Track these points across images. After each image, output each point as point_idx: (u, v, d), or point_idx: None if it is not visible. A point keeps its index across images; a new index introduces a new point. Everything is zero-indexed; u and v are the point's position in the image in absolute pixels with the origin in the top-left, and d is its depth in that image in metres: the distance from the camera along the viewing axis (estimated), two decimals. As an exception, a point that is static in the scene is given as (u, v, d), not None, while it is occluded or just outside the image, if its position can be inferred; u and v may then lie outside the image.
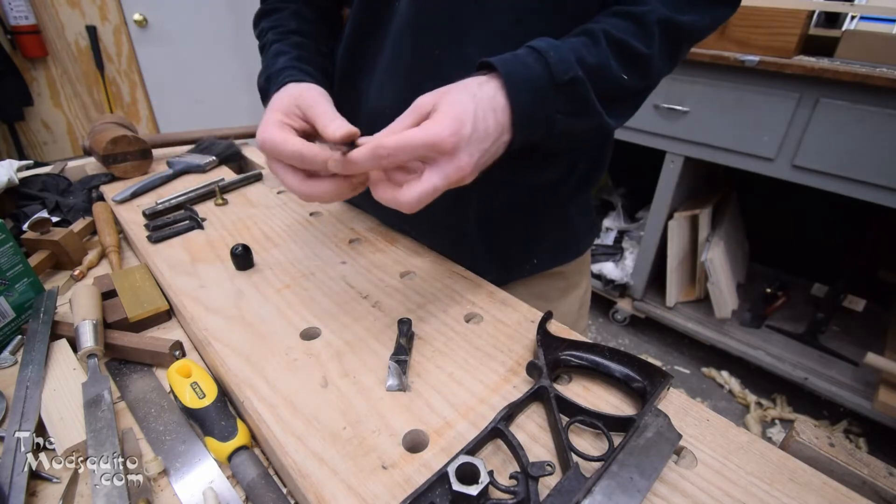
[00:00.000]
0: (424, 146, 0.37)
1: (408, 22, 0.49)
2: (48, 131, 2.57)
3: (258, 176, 0.82)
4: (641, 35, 0.46)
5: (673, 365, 1.91)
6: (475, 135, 0.39)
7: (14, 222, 0.71)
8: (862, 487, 0.35)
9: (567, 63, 0.42)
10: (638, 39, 0.46)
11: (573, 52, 0.44)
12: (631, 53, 0.46)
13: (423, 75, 0.51)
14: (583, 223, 0.68)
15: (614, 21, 0.47)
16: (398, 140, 0.37)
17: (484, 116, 0.40)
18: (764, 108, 1.44)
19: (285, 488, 0.38)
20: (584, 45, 0.44)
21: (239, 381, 0.42)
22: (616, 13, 0.48)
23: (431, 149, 0.38)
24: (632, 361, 0.41)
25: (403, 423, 0.38)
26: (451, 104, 0.39)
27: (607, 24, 0.46)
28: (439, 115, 0.39)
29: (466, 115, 0.39)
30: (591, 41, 0.45)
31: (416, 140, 0.37)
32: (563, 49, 0.43)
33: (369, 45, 0.55)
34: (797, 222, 1.97)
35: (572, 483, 0.32)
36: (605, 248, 2.06)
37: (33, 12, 2.31)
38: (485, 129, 0.40)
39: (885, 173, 1.30)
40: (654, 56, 0.47)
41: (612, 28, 0.46)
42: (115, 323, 0.51)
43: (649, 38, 0.46)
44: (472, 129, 0.39)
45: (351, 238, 0.64)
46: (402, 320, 0.46)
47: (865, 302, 1.72)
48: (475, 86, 0.41)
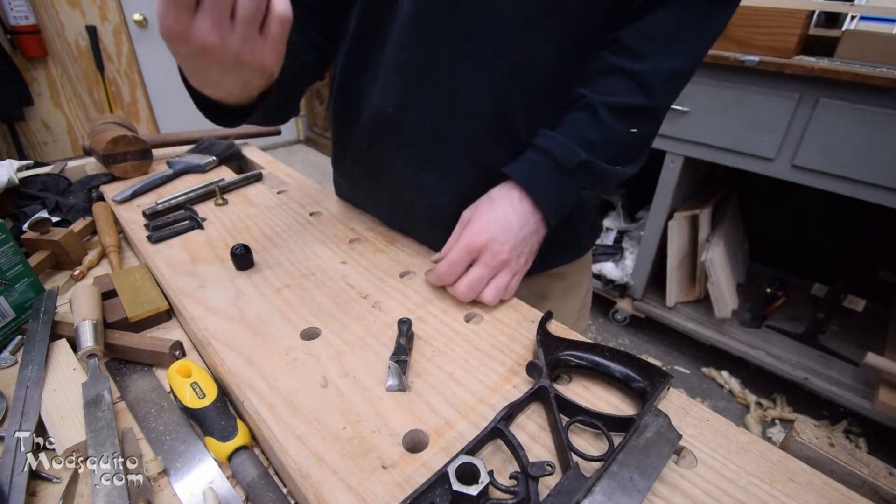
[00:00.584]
0: (465, 252, 0.50)
1: (411, 22, 0.49)
2: (48, 131, 2.57)
3: (258, 176, 0.82)
4: (640, 90, 0.50)
5: (673, 365, 1.91)
6: (501, 232, 0.50)
7: (14, 222, 0.71)
8: (862, 487, 0.35)
9: (570, 153, 0.50)
10: (640, 95, 0.50)
11: (576, 137, 0.51)
12: (633, 110, 0.50)
13: (427, 75, 0.51)
14: (584, 223, 0.68)
15: (614, 82, 0.50)
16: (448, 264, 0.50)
17: (506, 216, 0.51)
18: (764, 108, 1.44)
19: (285, 488, 0.38)
20: (586, 125, 0.51)
21: (239, 381, 0.42)
22: (613, 72, 0.50)
23: (470, 251, 0.50)
24: (632, 361, 0.41)
25: (403, 423, 0.38)
26: (477, 215, 0.52)
27: (606, 91, 0.50)
28: (470, 224, 0.52)
29: (490, 220, 0.50)
30: (591, 118, 0.50)
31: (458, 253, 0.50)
32: (565, 143, 0.50)
33: (372, 46, 0.55)
34: (797, 222, 1.97)
35: (572, 483, 0.32)
36: (605, 248, 2.06)
37: (33, 12, 2.31)
38: (506, 220, 0.50)
39: (885, 173, 1.30)
40: (659, 102, 0.51)
41: (610, 96, 0.50)
42: (115, 323, 0.51)
43: (650, 91, 0.50)
44: (498, 229, 0.50)
45: (351, 238, 0.64)
46: (402, 320, 0.46)
47: (865, 302, 1.72)
48: (495, 195, 0.52)
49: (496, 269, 0.50)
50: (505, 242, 0.50)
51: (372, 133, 0.58)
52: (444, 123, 0.53)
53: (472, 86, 0.51)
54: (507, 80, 0.50)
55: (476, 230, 0.50)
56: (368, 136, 0.58)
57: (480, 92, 0.51)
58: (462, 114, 0.52)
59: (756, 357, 1.71)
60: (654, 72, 0.49)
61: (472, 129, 0.53)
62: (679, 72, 0.51)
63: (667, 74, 0.50)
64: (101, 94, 2.62)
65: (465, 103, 0.52)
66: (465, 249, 0.50)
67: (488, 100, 0.51)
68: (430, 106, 0.53)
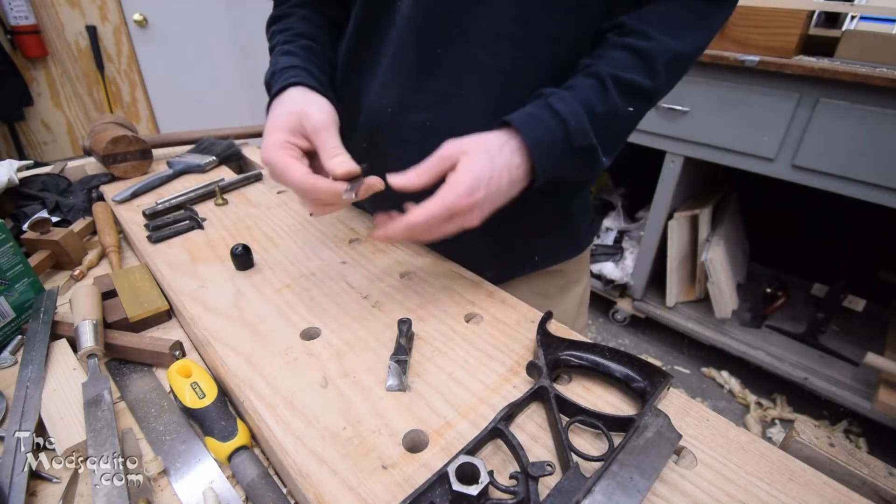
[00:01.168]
0: (447, 212, 0.44)
1: (411, 21, 0.49)
2: (48, 131, 2.57)
3: (258, 176, 0.82)
4: (646, 70, 0.48)
5: (673, 365, 1.91)
6: (488, 195, 0.45)
7: (14, 222, 0.71)
8: (862, 487, 0.35)
9: (584, 131, 0.47)
10: (642, 75, 0.48)
11: (586, 107, 0.47)
12: (635, 89, 0.49)
13: (426, 74, 0.51)
14: (583, 221, 0.68)
15: (619, 57, 0.49)
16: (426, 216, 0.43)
17: (499, 177, 0.45)
18: (764, 108, 1.44)
19: (285, 488, 0.38)
20: (594, 93, 0.48)
21: (239, 381, 0.42)
22: (620, 47, 0.49)
23: (451, 213, 0.44)
24: (632, 361, 0.41)
25: (403, 423, 0.38)
26: (469, 166, 0.44)
27: (613, 63, 0.48)
28: (458, 176, 0.44)
29: (482, 179, 0.44)
30: (600, 87, 0.48)
31: (439, 211, 0.43)
32: (579, 113, 0.47)
33: (371, 45, 0.55)
34: (797, 222, 1.97)
35: (572, 483, 0.32)
36: (605, 248, 2.06)
37: (33, 12, 2.31)
38: (498, 188, 0.45)
39: (885, 173, 1.30)
40: (660, 86, 0.50)
41: (618, 68, 0.48)
42: (115, 323, 0.51)
43: (654, 72, 0.49)
44: (485, 192, 0.44)
45: (351, 238, 0.64)
46: (402, 320, 0.46)
47: (865, 302, 1.72)
48: (495, 148, 0.46)
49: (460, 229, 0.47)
50: (486, 210, 0.46)
51: (371, 134, 0.58)
52: (444, 124, 0.53)
53: (472, 85, 0.51)
54: (507, 79, 0.50)
55: (465, 188, 0.43)
56: (367, 137, 0.58)
57: (480, 91, 0.51)
58: (461, 114, 0.52)
59: (756, 357, 1.71)
60: (660, 52, 0.48)
61: (472, 128, 0.53)
62: (683, 56, 0.49)
63: (671, 57, 0.48)
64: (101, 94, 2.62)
65: (464, 103, 0.52)
66: (448, 209, 0.43)
67: (488, 99, 0.51)
68: (429, 106, 0.53)
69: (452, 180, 0.44)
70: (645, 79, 0.48)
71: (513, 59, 0.50)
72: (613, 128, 0.50)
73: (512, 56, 0.49)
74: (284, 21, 0.61)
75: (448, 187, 0.44)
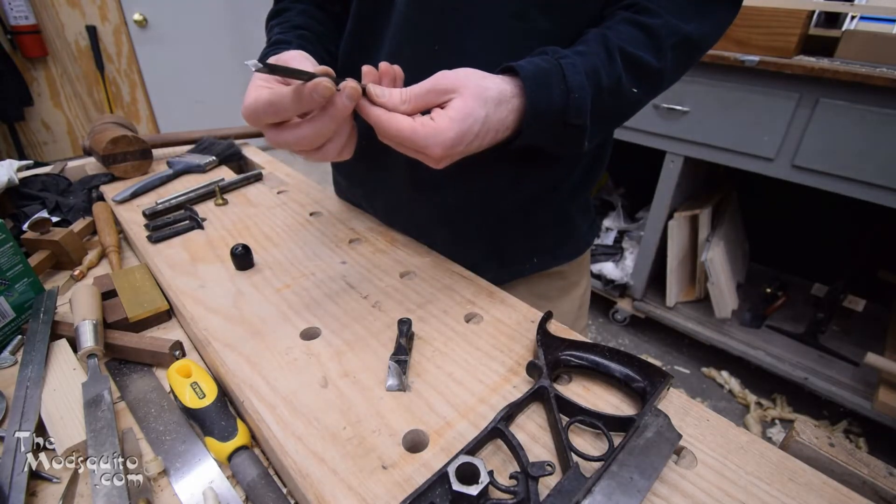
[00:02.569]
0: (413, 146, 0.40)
1: (407, 18, 0.49)
2: (48, 131, 2.57)
3: (258, 176, 0.82)
4: (654, 49, 0.47)
5: (673, 365, 1.91)
6: (466, 149, 0.42)
7: (14, 222, 0.71)
8: (862, 487, 0.35)
9: (582, 109, 0.44)
10: (650, 53, 0.47)
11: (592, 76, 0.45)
12: (642, 67, 0.47)
13: (423, 71, 0.51)
14: (583, 222, 0.68)
15: (629, 32, 0.47)
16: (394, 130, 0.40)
17: (483, 135, 0.42)
18: (764, 108, 1.44)
19: (285, 488, 0.38)
20: (602, 62, 0.45)
21: (239, 381, 0.42)
22: (630, 22, 0.48)
23: (419, 150, 0.41)
24: (632, 361, 0.41)
25: (403, 423, 0.38)
26: (459, 115, 0.40)
27: (622, 37, 0.46)
28: (443, 122, 0.40)
29: (467, 135, 0.41)
30: (607, 57, 0.46)
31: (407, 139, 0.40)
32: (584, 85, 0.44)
33: (369, 42, 0.55)
34: (797, 222, 1.97)
35: (572, 483, 0.32)
36: (605, 248, 2.06)
37: (33, 12, 2.31)
38: (479, 144, 0.43)
39: (885, 173, 1.30)
40: (666, 69, 0.48)
41: (626, 42, 0.46)
42: (115, 323, 0.51)
43: (661, 53, 0.47)
44: (464, 148, 0.41)
45: (351, 238, 0.64)
46: (402, 320, 0.46)
47: (865, 302, 1.72)
48: (493, 101, 0.42)
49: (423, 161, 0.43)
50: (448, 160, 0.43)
51: (370, 131, 0.58)
52: None
53: None
54: None
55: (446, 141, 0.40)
56: (366, 134, 0.58)
57: None
58: None
59: (756, 357, 1.71)
60: (669, 33, 0.46)
61: None
62: (691, 39, 0.48)
63: (679, 39, 0.47)
64: (101, 94, 2.62)
65: None
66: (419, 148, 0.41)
67: None
68: None
69: (437, 124, 0.40)
70: (652, 58, 0.47)
71: (509, 55, 0.50)
72: (611, 107, 0.48)
73: (509, 51, 0.49)
74: (283, 15, 0.61)
75: (429, 128, 0.40)
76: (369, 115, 0.42)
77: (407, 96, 0.42)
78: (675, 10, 0.48)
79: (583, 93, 0.44)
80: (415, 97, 0.42)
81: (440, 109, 0.41)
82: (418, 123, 0.40)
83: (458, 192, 0.58)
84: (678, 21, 0.47)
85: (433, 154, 0.41)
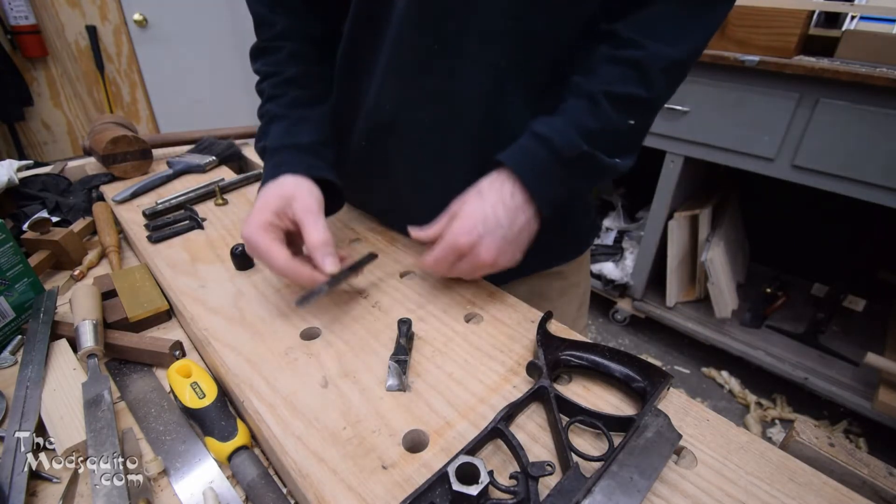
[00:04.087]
0: (451, 252, 0.48)
1: (407, 20, 0.49)
2: (48, 131, 2.57)
3: (258, 176, 0.82)
4: (643, 81, 0.48)
5: (673, 365, 1.91)
6: (487, 229, 0.47)
7: (14, 222, 0.71)
8: (862, 487, 0.35)
9: (572, 143, 0.47)
10: (640, 86, 0.48)
11: (575, 125, 0.48)
12: (633, 101, 0.48)
13: (423, 73, 0.51)
14: (583, 222, 0.68)
15: (612, 72, 0.48)
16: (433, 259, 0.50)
17: (493, 210, 0.48)
18: (764, 108, 1.44)
19: (285, 488, 0.38)
20: (584, 112, 0.48)
21: (239, 381, 0.42)
22: (612, 60, 0.49)
23: (455, 252, 0.48)
24: (632, 361, 0.41)
25: (403, 423, 0.38)
26: (463, 210, 0.48)
27: (606, 79, 0.48)
28: (455, 221, 0.48)
29: (476, 216, 0.47)
30: (591, 105, 0.48)
31: (442, 253, 0.48)
32: (565, 130, 0.48)
33: (369, 45, 0.55)
34: (797, 222, 1.97)
35: (572, 483, 0.32)
36: (605, 248, 2.06)
37: (33, 12, 2.31)
38: (496, 220, 0.48)
39: (885, 173, 1.30)
40: (659, 96, 0.49)
41: (611, 84, 0.48)
42: (115, 323, 0.51)
43: (650, 82, 0.48)
44: (483, 228, 0.47)
45: (351, 238, 0.64)
46: (402, 320, 0.46)
47: (865, 302, 1.72)
48: (485, 187, 0.49)
49: (482, 268, 0.49)
50: (491, 244, 0.47)
51: (370, 132, 0.58)
52: (443, 121, 0.53)
53: (469, 82, 0.51)
54: (503, 75, 0.50)
55: (462, 229, 0.47)
56: (367, 136, 0.58)
57: (477, 88, 0.51)
58: (460, 111, 0.52)
59: (756, 357, 1.71)
60: (654, 62, 0.47)
61: (471, 125, 0.53)
62: (678, 63, 0.49)
63: (666, 65, 0.48)
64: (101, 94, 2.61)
65: (462, 100, 0.52)
66: (451, 250, 0.48)
67: (486, 96, 0.51)
68: (427, 104, 0.53)
69: (451, 225, 0.48)
70: (641, 90, 0.48)
71: (508, 55, 0.50)
72: (618, 140, 0.50)
73: (507, 51, 0.49)
74: (271, 58, 0.59)
75: (448, 231, 0.48)
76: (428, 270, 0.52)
77: (434, 225, 0.51)
78: (662, 33, 0.48)
79: (563, 133, 0.48)
80: (438, 224, 0.51)
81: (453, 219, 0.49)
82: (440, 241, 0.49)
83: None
84: (662, 46, 0.48)
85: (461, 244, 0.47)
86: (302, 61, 0.59)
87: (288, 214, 0.49)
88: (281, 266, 0.46)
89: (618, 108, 0.48)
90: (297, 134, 0.55)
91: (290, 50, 0.59)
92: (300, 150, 0.54)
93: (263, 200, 0.50)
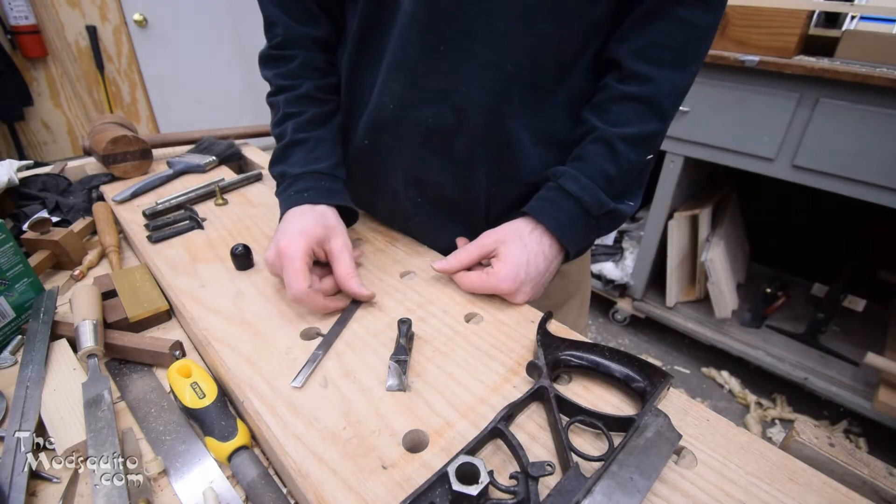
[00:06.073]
0: (489, 290, 0.52)
1: (413, 19, 0.49)
2: (48, 131, 2.57)
3: (258, 176, 0.82)
4: (656, 114, 0.52)
5: (673, 365, 1.91)
6: (528, 277, 0.52)
7: (14, 222, 0.71)
8: (862, 487, 0.35)
9: (599, 200, 0.52)
10: (654, 122, 0.52)
11: (598, 174, 0.52)
12: (648, 137, 0.53)
13: (428, 72, 0.51)
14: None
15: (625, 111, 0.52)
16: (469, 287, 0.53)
17: (535, 260, 0.52)
18: (764, 108, 1.44)
19: (285, 488, 0.38)
20: (604, 159, 0.52)
21: (239, 381, 0.42)
22: (624, 99, 0.52)
23: (493, 291, 0.52)
24: (632, 361, 0.41)
25: (403, 423, 0.38)
26: (508, 256, 0.52)
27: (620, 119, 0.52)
28: (500, 264, 0.52)
29: (521, 265, 0.51)
30: (609, 151, 0.52)
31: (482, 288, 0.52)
32: (591, 187, 0.52)
33: (375, 42, 0.55)
34: (797, 222, 1.97)
35: (572, 483, 0.32)
36: (605, 248, 2.06)
37: (33, 12, 2.31)
38: (536, 270, 0.52)
39: (885, 173, 1.30)
40: (669, 120, 0.54)
41: (626, 125, 0.52)
42: (115, 323, 0.51)
43: (663, 114, 0.52)
44: (525, 275, 0.51)
45: (351, 238, 0.64)
46: (402, 320, 0.46)
47: (865, 302, 1.72)
48: (526, 234, 0.53)
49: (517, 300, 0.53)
50: (528, 291, 0.52)
51: (372, 131, 0.58)
52: (446, 121, 0.53)
53: (473, 83, 0.51)
54: (508, 76, 0.50)
55: (506, 275, 0.50)
56: (369, 135, 0.58)
57: (481, 89, 0.51)
58: (463, 111, 0.52)
59: (756, 357, 1.71)
60: (665, 94, 0.51)
61: (474, 126, 0.53)
62: (684, 86, 0.53)
63: (673, 92, 0.52)
64: (101, 94, 2.62)
65: (465, 100, 0.52)
66: (490, 289, 0.52)
67: (489, 97, 0.51)
68: (430, 103, 0.53)
69: (496, 269, 0.51)
70: (655, 124, 0.52)
71: (514, 57, 0.50)
72: (633, 176, 0.55)
73: (513, 54, 0.50)
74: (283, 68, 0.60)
75: (493, 273, 0.51)
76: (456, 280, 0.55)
77: (460, 257, 0.54)
78: (670, 60, 0.51)
79: (591, 192, 0.52)
80: (466, 255, 0.54)
81: (495, 259, 0.53)
82: (485, 275, 0.52)
83: (458, 193, 0.58)
84: (670, 73, 0.51)
85: (504, 289, 0.51)
86: (314, 72, 0.60)
87: (324, 246, 0.53)
88: (301, 292, 0.48)
89: (635, 148, 0.52)
90: (317, 160, 0.58)
91: (303, 60, 0.59)
92: (322, 177, 0.57)
93: (304, 225, 0.52)
